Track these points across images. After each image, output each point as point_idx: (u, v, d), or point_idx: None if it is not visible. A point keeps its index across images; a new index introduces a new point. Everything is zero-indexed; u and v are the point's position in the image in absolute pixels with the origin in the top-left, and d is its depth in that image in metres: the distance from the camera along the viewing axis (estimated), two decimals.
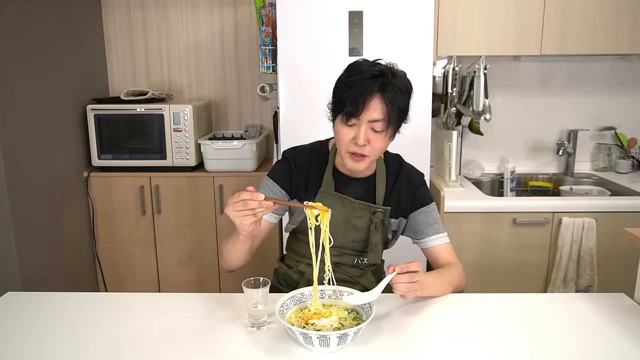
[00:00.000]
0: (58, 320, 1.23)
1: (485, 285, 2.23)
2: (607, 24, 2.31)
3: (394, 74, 1.25)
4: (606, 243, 2.19)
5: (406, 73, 1.30)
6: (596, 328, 1.19)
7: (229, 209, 1.14)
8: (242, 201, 1.11)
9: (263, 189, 1.43)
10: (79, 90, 2.53)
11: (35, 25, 2.18)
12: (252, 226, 1.15)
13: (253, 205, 1.11)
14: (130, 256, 2.61)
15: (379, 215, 1.39)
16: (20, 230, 2.09)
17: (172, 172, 2.52)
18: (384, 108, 1.23)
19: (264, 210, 1.13)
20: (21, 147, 2.11)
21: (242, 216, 1.13)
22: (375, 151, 1.29)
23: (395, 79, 1.24)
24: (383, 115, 1.23)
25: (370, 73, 1.22)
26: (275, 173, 1.44)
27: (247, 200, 1.10)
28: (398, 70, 1.28)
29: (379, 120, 1.24)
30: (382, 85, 1.22)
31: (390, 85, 1.22)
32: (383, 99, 1.23)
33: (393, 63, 1.29)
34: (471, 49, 2.35)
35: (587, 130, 2.72)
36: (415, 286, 1.19)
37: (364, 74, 1.23)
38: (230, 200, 1.13)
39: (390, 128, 1.27)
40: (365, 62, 1.28)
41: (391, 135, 1.30)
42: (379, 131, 1.26)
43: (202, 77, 2.83)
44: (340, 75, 1.30)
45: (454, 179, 2.41)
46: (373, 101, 1.22)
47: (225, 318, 1.23)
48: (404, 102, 1.26)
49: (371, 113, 1.23)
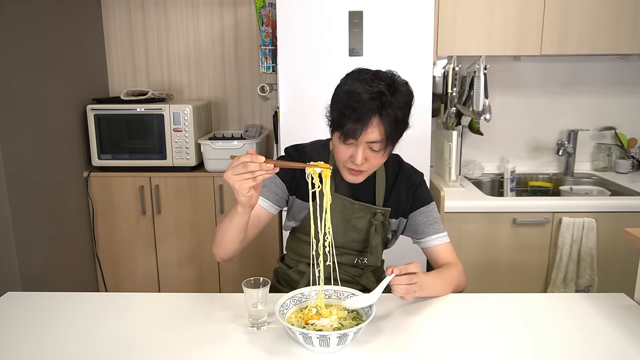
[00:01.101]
0: (58, 320, 1.23)
1: (485, 285, 2.23)
2: (607, 24, 2.31)
3: (394, 90, 1.21)
4: (606, 243, 2.18)
5: (408, 82, 1.26)
6: (596, 328, 1.19)
7: (227, 174, 1.10)
8: (242, 164, 1.08)
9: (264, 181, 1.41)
10: (79, 90, 2.53)
11: (34, 24, 2.18)
12: (251, 191, 1.12)
13: (253, 167, 1.08)
14: (130, 256, 2.61)
15: (379, 217, 1.39)
16: (20, 230, 2.09)
17: (172, 172, 2.52)
18: (383, 130, 1.21)
19: (265, 174, 1.10)
20: (21, 147, 2.11)
21: (241, 180, 1.09)
22: (373, 167, 1.29)
23: (395, 97, 1.20)
24: (381, 137, 1.22)
25: (369, 95, 1.19)
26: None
27: (248, 163, 1.08)
28: (399, 84, 1.23)
29: (377, 142, 1.22)
30: (381, 106, 1.19)
31: (389, 105, 1.19)
32: (381, 121, 1.20)
33: (394, 72, 1.25)
34: (471, 49, 2.35)
35: (587, 130, 2.72)
36: (414, 287, 1.18)
37: (363, 95, 1.19)
38: (230, 165, 1.10)
39: (389, 146, 1.25)
40: (365, 76, 1.22)
41: (390, 150, 1.29)
42: (377, 150, 1.25)
43: (202, 77, 2.83)
44: (338, 88, 1.26)
45: (454, 179, 2.41)
46: (371, 124, 1.19)
47: (225, 318, 1.23)
48: (402, 116, 1.23)
49: (369, 135, 1.21)
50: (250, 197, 1.13)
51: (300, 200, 1.41)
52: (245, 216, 1.20)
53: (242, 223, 1.22)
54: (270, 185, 1.40)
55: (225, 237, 1.27)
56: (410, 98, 1.26)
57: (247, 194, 1.11)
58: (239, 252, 1.32)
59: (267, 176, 1.12)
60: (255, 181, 1.10)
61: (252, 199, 1.14)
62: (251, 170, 1.08)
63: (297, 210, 1.44)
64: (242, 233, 1.25)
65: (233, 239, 1.26)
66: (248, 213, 1.20)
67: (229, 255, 1.31)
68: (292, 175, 1.41)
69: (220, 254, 1.32)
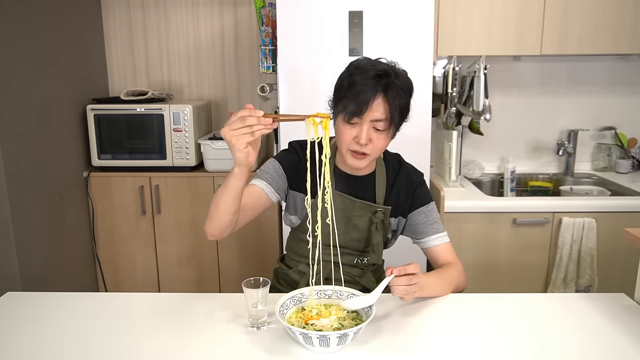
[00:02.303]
0: (57, 320, 1.23)
1: (485, 285, 2.23)
2: (608, 24, 2.31)
3: (397, 74, 1.25)
4: (606, 243, 2.18)
5: (407, 72, 1.30)
6: (596, 328, 1.19)
7: (225, 130, 1.08)
8: (240, 118, 1.07)
9: (267, 167, 1.42)
10: (79, 90, 2.53)
11: (34, 22, 2.18)
12: (248, 148, 1.10)
13: (251, 121, 1.06)
14: (130, 256, 2.61)
15: (380, 215, 1.39)
16: (20, 230, 2.09)
17: (172, 172, 2.52)
18: (387, 108, 1.23)
19: (263, 128, 1.08)
20: (21, 147, 2.11)
21: (239, 134, 1.07)
22: (376, 150, 1.29)
23: (398, 79, 1.24)
24: (386, 115, 1.24)
25: (373, 72, 1.22)
26: (281, 157, 1.43)
27: (246, 117, 1.07)
28: (400, 70, 1.28)
29: (382, 120, 1.24)
30: (386, 85, 1.22)
31: (393, 85, 1.22)
32: (386, 99, 1.22)
33: (394, 62, 1.29)
34: (471, 49, 2.35)
35: (587, 130, 2.72)
36: (414, 288, 1.18)
37: (367, 73, 1.22)
38: (227, 122, 1.09)
39: (392, 127, 1.27)
40: (368, 61, 1.27)
41: (392, 134, 1.30)
42: (381, 130, 1.26)
43: (202, 77, 2.83)
44: (342, 73, 1.29)
45: (454, 179, 2.41)
46: (376, 101, 1.22)
47: (225, 318, 1.23)
48: (405, 102, 1.26)
49: (374, 113, 1.23)
50: (247, 154, 1.11)
51: (303, 195, 1.40)
52: (242, 180, 1.18)
53: (237, 188, 1.19)
54: (272, 174, 1.40)
55: (219, 207, 1.22)
56: (411, 85, 1.29)
57: (244, 149, 1.09)
58: (230, 229, 1.27)
59: (266, 131, 1.09)
60: (253, 136, 1.08)
61: (250, 157, 1.12)
62: (249, 124, 1.07)
63: (300, 206, 1.43)
64: (236, 202, 1.21)
65: (226, 209, 1.21)
66: (245, 175, 1.17)
67: (221, 230, 1.26)
68: (296, 169, 1.41)
69: (212, 228, 1.26)
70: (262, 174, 1.41)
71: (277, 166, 1.42)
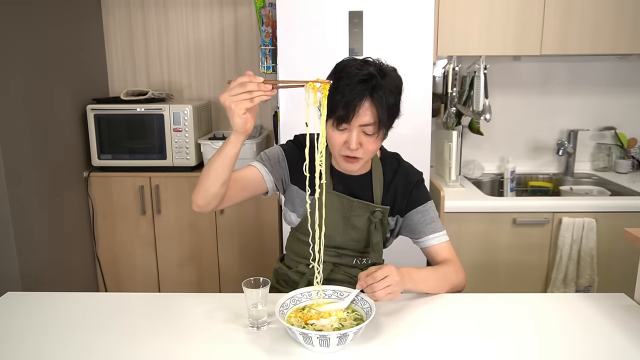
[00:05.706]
0: (57, 321, 1.23)
1: (485, 285, 2.23)
2: (608, 24, 2.31)
3: (384, 74, 1.23)
4: (606, 243, 2.18)
5: (396, 69, 1.28)
6: (596, 328, 1.19)
7: (224, 95, 1.08)
8: (240, 84, 1.06)
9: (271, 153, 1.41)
10: (79, 90, 2.53)
11: (34, 24, 2.18)
12: (247, 114, 1.10)
13: (251, 87, 1.06)
14: (130, 256, 2.61)
15: (378, 214, 1.39)
16: (20, 230, 2.09)
17: (172, 172, 2.52)
18: (374, 112, 1.22)
19: (262, 94, 1.08)
20: (21, 147, 2.11)
21: (238, 100, 1.07)
22: (368, 152, 1.29)
23: (384, 80, 1.22)
24: (374, 119, 1.22)
25: (359, 77, 1.20)
26: (288, 149, 1.43)
27: (246, 83, 1.06)
28: (387, 69, 1.26)
29: (370, 124, 1.23)
30: (372, 88, 1.20)
31: (380, 88, 1.21)
32: (373, 103, 1.21)
33: (382, 60, 1.27)
34: (471, 49, 2.35)
35: (587, 130, 2.72)
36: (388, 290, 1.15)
37: (353, 78, 1.20)
38: (227, 89, 1.08)
39: (382, 130, 1.26)
40: (354, 62, 1.24)
41: (383, 135, 1.29)
42: (371, 134, 1.25)
43: (202, 77, 2.83)
44: (328, 77, 1.27)
45: (454, 179, 2.41)
46: (363, 106, 1.21)
47: (225, 318, 1.23)
48: (394, 101, 1.25)
49: (362, 118, 1.22)
50: (245, 121, 1.11)
51: (303, 191, 1.39)
52: (236, 147, 1.17)
53: (231, 154, 1.18)
54: (275, 161, 1.40)
55: (209, 173, 1.21)
56: (399, 82, 1.27)
57: (242, 114, 1.10)
58: (216, 202, 1.26)
59: (265, 98, 1.10)
60: (252, 102, 1.08)
61: (247, 124, 1.12)
62: (249, 90, 1.06)
63: (299, 202, 1.42)
64: (226, 171, 1.20)
65: (216, 177, 1.21)
66: (240, 142, 1.17)
67: (206, 200, 1.25)
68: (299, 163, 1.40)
69: (198, 196, 1.25)
70: (264, 158, 1.40)
71: (282, 157, 1.41)
